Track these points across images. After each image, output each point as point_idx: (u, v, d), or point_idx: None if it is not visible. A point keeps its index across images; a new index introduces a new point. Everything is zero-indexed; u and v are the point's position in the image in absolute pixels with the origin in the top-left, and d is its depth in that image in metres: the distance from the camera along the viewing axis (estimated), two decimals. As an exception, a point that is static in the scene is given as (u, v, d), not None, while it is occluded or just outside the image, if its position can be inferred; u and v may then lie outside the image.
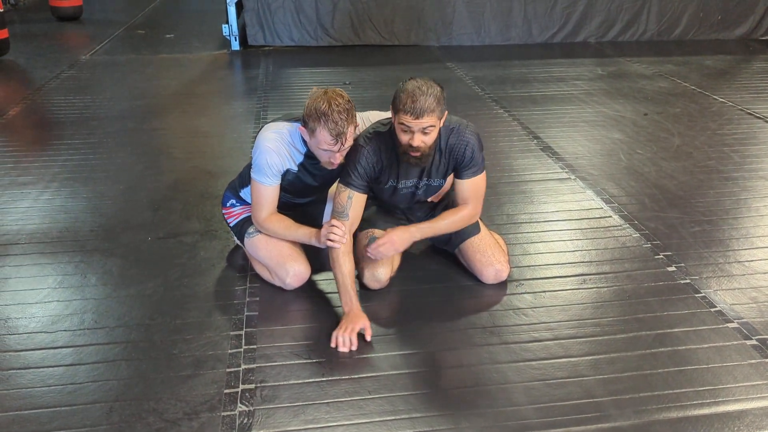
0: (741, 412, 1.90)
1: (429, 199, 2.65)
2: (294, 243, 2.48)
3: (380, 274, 2.46)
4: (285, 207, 2.53)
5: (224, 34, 6.64)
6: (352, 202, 2.33)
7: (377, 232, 2.51)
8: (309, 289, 2.49)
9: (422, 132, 2.16)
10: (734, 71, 5.99)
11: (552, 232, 2.95)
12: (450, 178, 2.50)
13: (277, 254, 2.43)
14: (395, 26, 6.86)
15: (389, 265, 2.50)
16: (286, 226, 2.41)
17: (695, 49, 6.80)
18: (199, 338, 2.21)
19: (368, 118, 2.54)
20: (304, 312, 2.37)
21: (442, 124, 2.27)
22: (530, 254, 2.77)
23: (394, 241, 2.37)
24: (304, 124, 2.21)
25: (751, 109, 4.76)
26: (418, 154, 2.21)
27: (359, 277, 2.50)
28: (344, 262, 2.27)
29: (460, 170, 2.39)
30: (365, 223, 2.53)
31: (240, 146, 3.98)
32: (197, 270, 2.62)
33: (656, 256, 2.74)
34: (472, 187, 2.41)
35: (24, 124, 4.44)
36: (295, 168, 2.38)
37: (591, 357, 2.13)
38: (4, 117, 4.48)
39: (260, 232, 2.48)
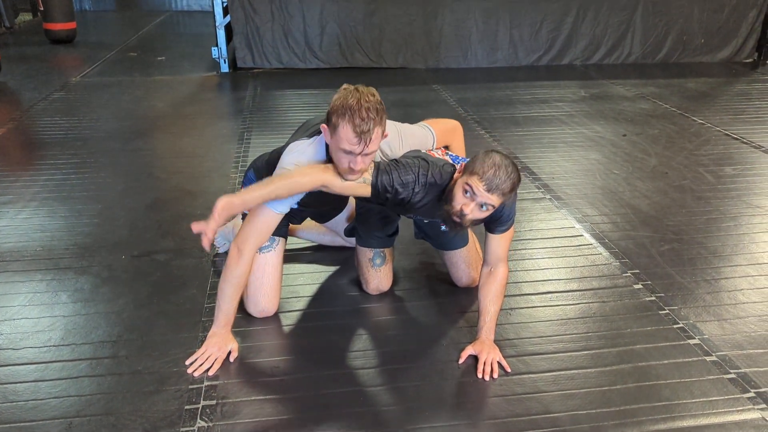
0: (697, 428, 1.92)
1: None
2: (279, 276, 2.44)
3: (384, 285, 2.59)
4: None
5: (214, 56, 6.73)
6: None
7: (386, 251, 2.56)
8: (277, 306, 2.51)
9: (481, 207, 2.02)
10: (715, 93, 6.06)
11: (523, 251, 2.98)
12: None
13: (260, 282, 2.38)
14: (383, 49, 6.96)
15: (391, 275, 2.63)
16: (232, 293, 2.18)
17: (678, 72, 6.89)
18: (164, 355, 2.22)
19: (402, 132, 2.32)
20: (269, 329, 2.38)
21: None
22: (500, 272, 2.79)
23: (497, 356, 2.19)
24: (327, 122, 2.02)
25: (729, 130, 4.82)
26: (460, 222, 2.05)
27: (360, 285, 2.61)
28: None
29: (492, 225, 2.22)
30: (360, 239, 2.55)
31: (221, 166, 4.02)
32: (168, 287, 2.64)
33: (624, 275, 2.77)
34: (504, 243, 2.25)
35: (8, 144, 4.48)
36: None
37: (551, 373, 2.14)
38: (-10, 137, 4.53)
39: (272, 249, 2.39)
